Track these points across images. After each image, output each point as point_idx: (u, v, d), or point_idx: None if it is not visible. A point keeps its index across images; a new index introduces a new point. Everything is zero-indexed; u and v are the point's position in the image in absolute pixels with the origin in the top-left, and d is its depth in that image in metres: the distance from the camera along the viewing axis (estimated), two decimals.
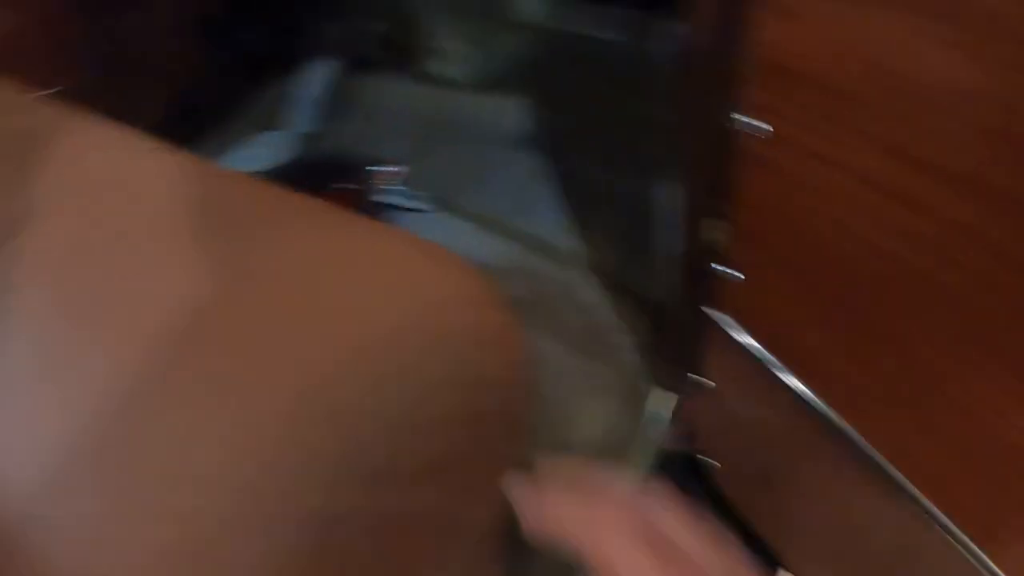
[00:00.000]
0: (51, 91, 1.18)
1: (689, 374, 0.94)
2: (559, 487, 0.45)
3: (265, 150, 1.52)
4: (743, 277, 0.79)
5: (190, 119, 1.74)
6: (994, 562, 0.64)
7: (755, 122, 0.66)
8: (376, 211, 1.29)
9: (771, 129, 0.65)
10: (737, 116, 0.68)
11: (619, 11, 1.40)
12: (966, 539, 0.65)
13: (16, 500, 0.47)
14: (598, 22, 1.42)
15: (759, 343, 0.80)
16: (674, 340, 0.95)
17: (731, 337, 0.83)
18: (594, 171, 1.32)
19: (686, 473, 1.01)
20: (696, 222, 0.81)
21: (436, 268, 0.57)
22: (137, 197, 0.69)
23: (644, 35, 1.35)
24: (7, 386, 0.54)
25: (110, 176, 0.73)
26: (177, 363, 0.51)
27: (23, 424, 0.51)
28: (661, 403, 1.01)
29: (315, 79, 1.60)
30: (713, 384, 0.92)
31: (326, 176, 1.36)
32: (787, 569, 0.91)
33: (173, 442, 0.47)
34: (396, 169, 1.34)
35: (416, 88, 1.54)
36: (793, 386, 0.76)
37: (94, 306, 0.56)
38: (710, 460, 0.99)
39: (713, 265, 0.80)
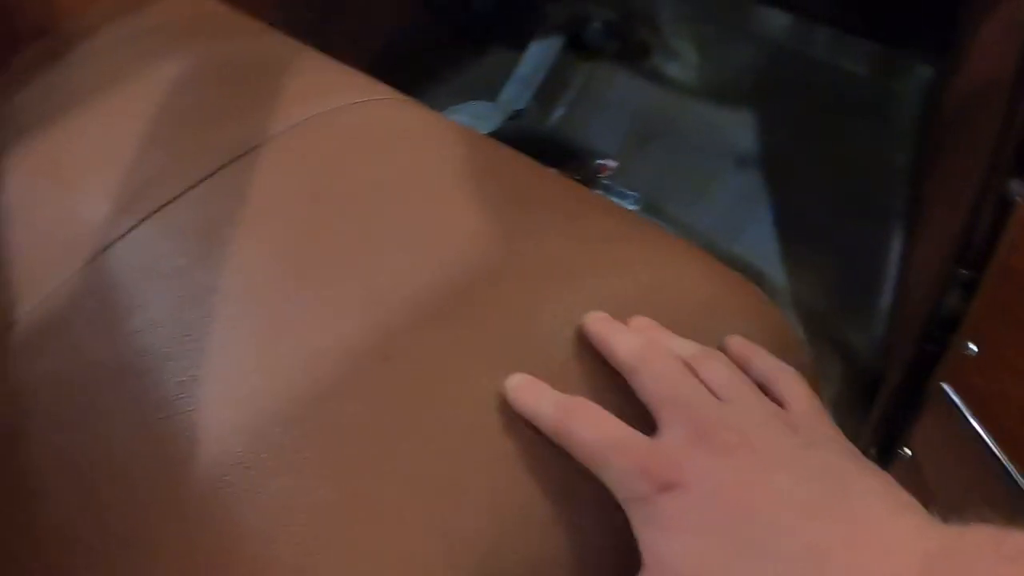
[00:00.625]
0: (269, 23, 1.22)
1: (886, 438, 0.89)
2: None
3: (470, 119, 1.53)
4: (976, 351, 0.73)
5: (398, 73, 1.76)
6: None
7: None
8: None
9: None
10: (1017, 184, 0.63)
11: (868, 44, 1.34)
12: None
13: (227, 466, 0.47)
14: (842, 51, 1.37)
15: (981, 425, 0.74)
16: (877, 402, 0.90)
17: (947, 412, 0.78)
18: (816, 205, 1.26)
19: None
20: (937, 285, 0.76)
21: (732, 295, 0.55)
22: (390, 148, 0.69)
23: (892, 73, 1.29)
24: (226, 334, 0.54)
25: (353, 121, 0.75)
26: (433, 338, 0.50)
27: (245, 378, 0.51)
28: None
29: (535, 56, 1.60)
30: (910, 453, 0.87)
31: (543, 157, 1.35)
32: None
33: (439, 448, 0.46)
34: (612, 163, 1.32)
35: (638, 83, 1.52)
36: (1016, 478, 0.71)
37: (332, 261, 0.57)
38: None
39: (945, 333, 0.75)
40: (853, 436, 0.95)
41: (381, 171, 0.66)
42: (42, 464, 0.54)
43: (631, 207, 1.29)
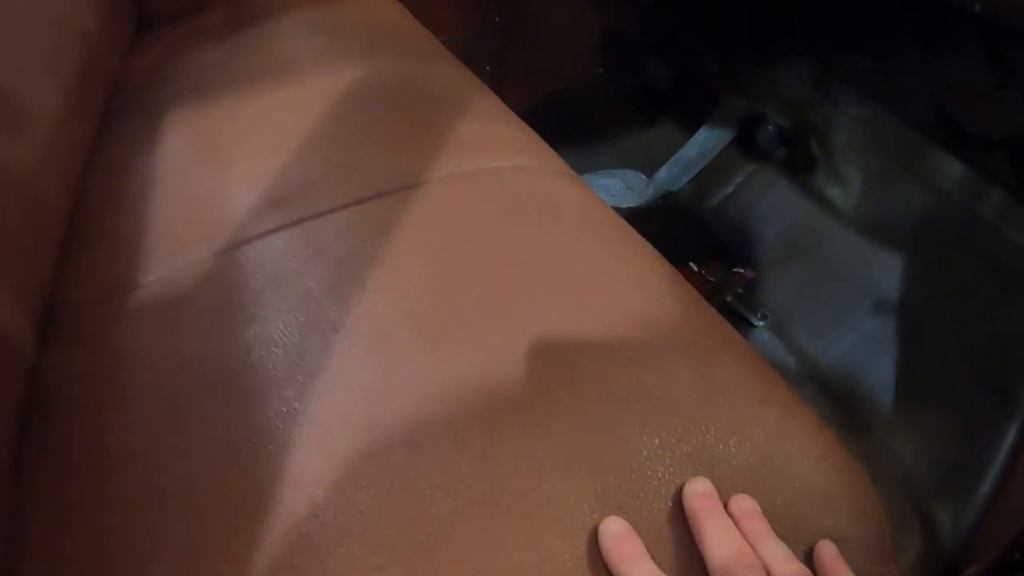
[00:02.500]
0: (446, 38, 1.25)
1: None
2: None
3: (623, 187, 1.53)
4: None
5: (563, 120, 1.79)
6: None
7: None
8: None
9: None
10: None
11: None
12: None
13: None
14: (1012, 218, 1.32)
15: None
16: None
17: None
18: (943, 369, 1.22)
19: None
20: None
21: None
22: (539, 224, 0.70)
23: None
24: (337, 378, 0.55)
25: (510, 185, 0.76)
26: (539, 449, 0.50)
27: (344, 430, 0.52)
28: None
29: (701, 142, 1.60)
30: None
31: (685, 248, 1.35)
32: None
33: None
34: (750, 273, 1.31)
35: (796, 197, 1.50)
36: None
37: (455, 329, 0.57)
38: None
39: None
40: None
41: (525, 247, 0.67)
42: (128, 437, 0.56)
43: (757, 323, 1.27)
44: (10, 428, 0.58)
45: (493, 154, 0.82)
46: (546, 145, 0.89)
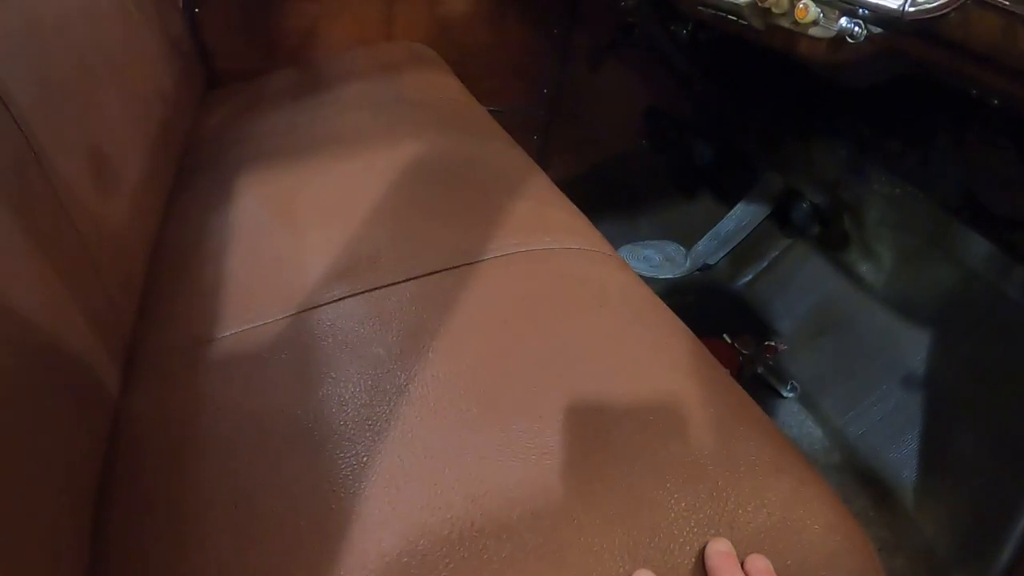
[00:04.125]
0: (496, 108, 1.32)
1: None
2: None
3: (661, 257, 1.60)
4: None
5: (606, 189, 1.86)
6: None
7: None
8: (740, 375, 1.32)
9: None
10: None
11: None
12: None
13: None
14: None
15: None
16: None
17: None
18: (968, 444, 1.26)
19: None
20: None
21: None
22: (588, 308, 0.77)
23: None
24: (403, 442, 0.62)
25: (561, 267, 0.83)
26: (591, 531, 0.57)
27: (405, 498, 0.59)
28: None
29: (739, 217, 1.66)
30: None
31: (718, 319, 1.40)
32: None
33: None
34: (781, 346, 1.36)
35: (829, 273, 1.56)
36: None
37: (513, 404, 0.64)
38: None
39: None
40: None
41: (573, 328, 0.74)
42: (206, 478, 0.63)
43: (787, 394, 1.32)
44: (96, 463, 0.65)
45: (545, 235, 0.90)
46: (593, 227, 0.96)
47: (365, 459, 0.62)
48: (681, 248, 1.63)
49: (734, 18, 1.12)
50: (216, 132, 1.36)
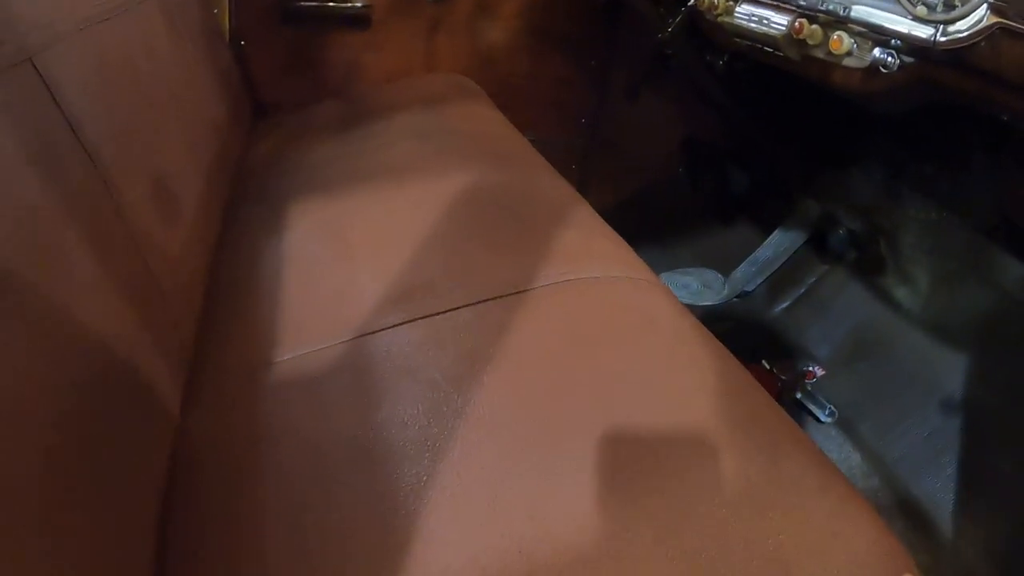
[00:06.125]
0: (536, 137, 1.35)
1: None
2: None
3: (699, 284, 1.62)
4: None
5: (645, 218, 1.88)
6: None
7: None
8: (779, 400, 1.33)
9: None
10: None
11: None
12: None
13: None
14: None
15: None
16: None
17: None
18: (1007, 467, 1.26)
19: None
20: None
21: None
22: (633, 339, 0.80)
23: None
24: (461, 466, 0.65)
25: (607, 295, 0.86)
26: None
27: (459, 523, 0.62)
28: None
29: (776, 244, 1.68)
30: None
31: (756, 345, 1.41)
32: None
33: None
34: (819, 371, 1.38)
35: (866, 298, 1.57)
36: None
37: (565, 436, 0.67)
38: None
39: None
40: None
41: (624, 354, 0.77)
42: (268, 497, 0.66)
43: (825, 419, 1.33)
44: (160, 482, 0.69)
45: (592, 264, 0.93)
46: (636, 256, 0.99)
47: (425, 479, 0.64)
48: (719, 275, 1.65)
49: (770, 49, 1.15)
50: (265, 161, 1.41)
